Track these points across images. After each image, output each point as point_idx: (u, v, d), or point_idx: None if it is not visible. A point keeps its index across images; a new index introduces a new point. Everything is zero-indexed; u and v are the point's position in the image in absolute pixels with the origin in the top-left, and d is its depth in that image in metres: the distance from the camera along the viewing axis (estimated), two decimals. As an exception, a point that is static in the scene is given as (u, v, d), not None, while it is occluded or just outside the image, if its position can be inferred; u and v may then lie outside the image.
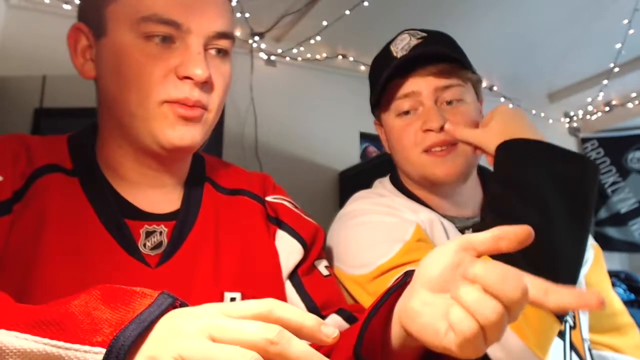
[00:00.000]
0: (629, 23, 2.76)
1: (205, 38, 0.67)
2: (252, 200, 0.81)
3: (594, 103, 3.73)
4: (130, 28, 0.65)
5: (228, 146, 2.88)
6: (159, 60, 0.65)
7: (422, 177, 0.93)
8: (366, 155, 3.31)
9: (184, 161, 0.76)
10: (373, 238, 0.85)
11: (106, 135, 0.72)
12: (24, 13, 2.57)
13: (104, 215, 0.67)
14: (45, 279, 0.61)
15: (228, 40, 0.70)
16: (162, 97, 0.65)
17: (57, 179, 0.68)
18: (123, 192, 0.71)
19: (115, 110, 0.68)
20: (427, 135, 0.89)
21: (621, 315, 1.01)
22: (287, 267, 0.78)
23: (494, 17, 2.81)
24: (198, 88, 0.66)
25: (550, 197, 0.72)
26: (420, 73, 0.89)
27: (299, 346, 0.37)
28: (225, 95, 0.72)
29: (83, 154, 0.72)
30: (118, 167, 0.72)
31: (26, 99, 2.45)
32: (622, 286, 3.05)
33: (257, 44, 3.06)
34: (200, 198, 0.76)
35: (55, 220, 0.64)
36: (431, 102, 0.89)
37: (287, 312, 0.40)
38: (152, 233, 0.70)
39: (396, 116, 0.93)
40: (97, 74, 0.70)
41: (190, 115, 0.66)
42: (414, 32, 0.93)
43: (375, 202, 0.94)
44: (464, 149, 0.90)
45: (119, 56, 0.65)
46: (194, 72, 0.64)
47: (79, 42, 0.70)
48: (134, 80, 0.64)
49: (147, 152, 0.69)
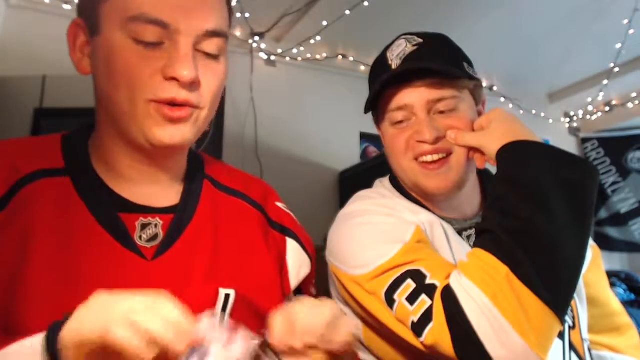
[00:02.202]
0: (629, 23, 2.76)
1: (195, 37, 0.66)
2: (249, 205, 0.81)
3: (594, 103, 3.73)
4: (121, 27, 0.64)
5: (228, 146, 2.88)
6: (148, 60, 0.64)
7: (414, 185, 0.94)
8: (366, 155, 3.31)
9: (178, 158, 0.76)
10: (373, 238, 0.85)
11: (102, 131, 0.73)
12: (24, 13, 2.57)
13: (97, 210, 0.67)
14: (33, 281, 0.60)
15: (220, 39, 0.69)
16: (148, 97, 0.65)
17: (45, 184, 0.67)
18: (117, 187, 0.71)
19: (108, 108, 0.68)
20: (419, 145, 0.90)
21: (620, 316, 1.02)
22: (298, 279, 0.79)
23: (494, 17, 2.81)
24: (186, 89, 0.65)
25: (554, 199, 0.73)
26: (414, 85, 0.90)
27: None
28: (219, 93, 0.71)
29: (76, 152, 0.72)
30: (113, 164, 0.72)
31: (26, 99, 2.45)
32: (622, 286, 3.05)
33: (257, 44, 3.06)
34: (199, 193, 0.76)
35: (44, 224, 0.64)
36: (424, 114, 0.90)
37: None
38: (147, 225, 0.69)
39: (390, 125, 0.95)
40: (93, 70, 0.70)
41: (177, 116, 0.66)
42: (411, 38, 0.93)
43: (376, 203, 0.94)
44: (457, 161, 0.90)
45: (110, 54, 0.65)
46: (180, 74, 0.64)
47: (78, 38, 0.71)
48: (123, 79, 0.65)
49: (140, 149, 0.69)
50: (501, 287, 0.69)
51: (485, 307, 0.68)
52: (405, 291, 0.76)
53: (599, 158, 4.01)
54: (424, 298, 0.74)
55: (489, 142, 0.85)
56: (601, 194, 3.96)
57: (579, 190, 0.75)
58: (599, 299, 0.99)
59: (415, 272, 0.77)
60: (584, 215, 0.75)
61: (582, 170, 0.77)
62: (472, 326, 0.68)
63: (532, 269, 0.69)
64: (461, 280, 0.72)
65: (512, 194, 0.76)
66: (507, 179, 0.79)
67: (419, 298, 0.74)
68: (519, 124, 0.85)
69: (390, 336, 0.82)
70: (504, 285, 0.69)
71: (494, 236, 0.74)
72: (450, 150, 0.90)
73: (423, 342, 0.73)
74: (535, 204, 0.73)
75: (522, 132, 0.83)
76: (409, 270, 0.78)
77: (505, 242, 0.72)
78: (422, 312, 0.73)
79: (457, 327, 0.69)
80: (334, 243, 0.92)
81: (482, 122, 0.88)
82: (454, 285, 0.72)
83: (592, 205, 0.76)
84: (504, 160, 0.81)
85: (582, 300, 0.95)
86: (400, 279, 0.77)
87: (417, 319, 0.73)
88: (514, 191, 0.76)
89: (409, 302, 0.75)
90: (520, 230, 0.72)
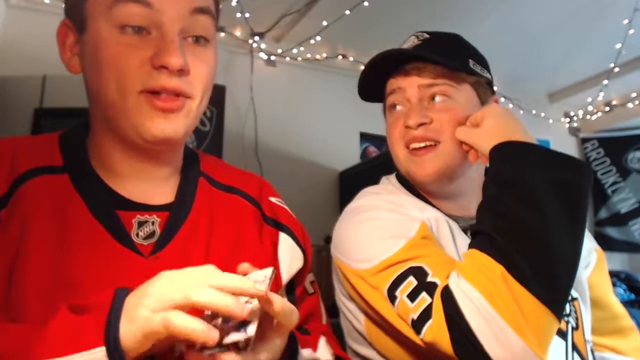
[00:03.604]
0: (629, 23, 2.76)
1: (181, 21, 0.66)
2: (245, 201, 0.81)
3: (594, 103, 3.74)
4: (106, 18, 0.64)
5: (228, 146, 2.89)
6: (135, 49, 0.64)
7: (407, 173, 0.95)
8: (366, 155, 3.32)
9: (172, 153, 0.76)
10: (378, 234, 0.86)
11: (96, 129, 0.73)
12: (24, 13, 2.57)
13: (95, 207, 0.67)
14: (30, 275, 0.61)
15: (206, 17, 0.68)
16: (138, 87, 0.64)
17: (44, 180, 0.67)
18: (114, 185, 0.71)
19: (99, 104, 0.68)
20: (408, 131, 0.92)
21: (623, 319, 1.02)
22: (290, 272, 0.78)
23: (494, 17, 2.81)
24: (175, 76, 0.65)
25: (547, 200, 0.74)
26: (407, 71, 0.93)
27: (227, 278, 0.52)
28: (210, 80, 0.71)
29: (74, 149, 0.72)
30: (108, 161, 0.72)
31: (26, 99, 2.46)
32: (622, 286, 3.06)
33: (257, 44, 3.06)
34: (194, 191, 0.76)
35: (41, 220, 0.64)
36: (415, 99, 0.92)
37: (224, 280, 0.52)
38: (144, 223, 0.70)
39: (388, 111, 0.97)
40: (83, 68, 0.70)
41: (168, 106, 0.66)
42: (420, 34, 0.96)
43: (383, 199, 0.95)
44: (445, 150, 0.90)
45: (97, 49, 0.65)
46: (168, 61, 0.63)
47: (67, 38, 0.71)
48: (112, 71, 0.64)
49: (133, 145, 0.69)
50: (497, 287, 0.69)
51: (482, 307, 0.69)
52: (406, 288, 0.76)
53: (599, 158, 4.01)
54: (424, 296, 0.74)
55: (481, 141, 0.84)
56: (601, 194, 3.96)
57: (571, 188, 0.75)
58: (602, 302, 1.00)
59: (418, 269, 0.77)
60: (577, 213, 0.75)
61: (573, 168, 0.77)
62: (470, 327, 0.69)
63: (527, 268, 0.69)
64: (458, 281, 0.72)
65: (504, 194, 0.76)
66: (498, 180, 0.79)
67: (420, 295, 0.75)
68: (512, 122, 0.84)
69: (393, 331, 0.82)
70: (500, 285, 0.69)
71: (488, 237, 0.74)
72: (438, 139, 0.90)
73: (422, 340, 0.73)
74: (527, 204, 0.74)
75: (514, 131, 0.82)
76: (411, 267, 0.78)
77: (499, 243, 0.72)
78: (421, 310, 0.74)
79: (455, 327, 0.70)
80: (339, 237, 0.93)
81: (477, 118, 0.88)
82: (452, 286, 0.72)
83: (586, 203, 0.76)
84: (495, 161, 0.81)
85: (586, 302, 0.95)
86: (402, 276, 0.78)
87: (417, 316, 0.74)
88: (505, 192, 0.76)
89: (409, 299, 0.76)
90: (513, 230, 0.73)
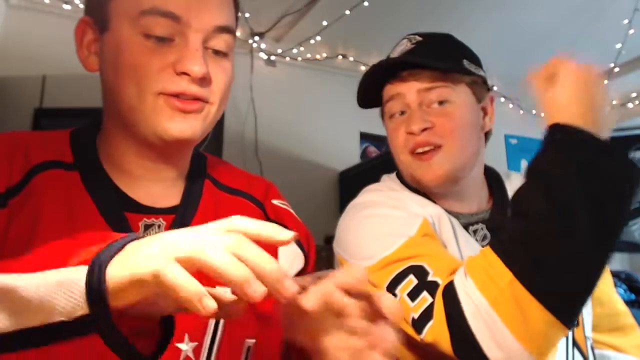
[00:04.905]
0: (629, 23, 2.76)
1: (205, 33, 0.67)
2: (250, 203, 0.81)
3: (594, 103, 3.73)
4: (131, 24, 0.65)
5: (228, 146, 2.88)
6: (157, 54, 0.65)
7: (412, 178, 0.95)
8: (366, 155, 3.31)
9: (184, 154, 0.76)
10: (379, 231, 0.86)
11: (109, 128, 0.73)
12: (24, 13, 2.57)
13: (105, 208, 0.67)
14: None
15: (229, 35, 0.70)
16: (157, 89, 0.65)
17: (55, 174, 0.67)
18: (123, 185, 0.71)
19: (116, 103, 0.69)
20: (411, 137, 0.91)
21: (624, 316, 1.02)
22: (290, 273, 0.78)
23: (494, 17, 2.81)
24: (196, 84, 0.66)
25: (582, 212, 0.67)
26: (404, 77, 0.92)
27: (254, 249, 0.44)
28: (227, 90, 0.72)
29: (84, 148, 0.72)
30: (119, 161, 0.72)
31: (26, 99, 2.45)
32: (623, 286, 3.05)
33: (257, 44, 3.06)
34: (200, 193, 0.76)
35: (53, 214, 0.64)
36: (415, 105, 0.92)
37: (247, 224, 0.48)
38: (150, 226, 0.70)
39: (389, 118, 0.97)
40: (100, 67, 0.70)
41: (188, 108, 0.66)
42: (412, 37, 0.96)
43: (385, 195, 0.95)
44: (450, 153, 0.90)
45: (118, 50, 0.66)
46: (191, 69, 0.64)
47: (86, 35, 0.71)
48: (132, 73, 0.65)
49: (148, 145, 0.70)
50: (503, 292, 0.68)
51: (483, 309, 0.68)
52: (406, 287, 0.76)
53: (599, 158, 4.00)
54: (425, 295, 0.74)
55: (548, 109, 0.76)
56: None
57: (611, 209, 0.68)
58: (604, 299, 0.99)
59: (418, 268, 0.77)
60: (612, 235, 0.69)
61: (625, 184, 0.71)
62: (470, 327, 0.69)
63: (540, 278, 0.66)
64: (465, 281, 0.72)
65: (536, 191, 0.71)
66: (538, 172, 0.72)
67: (420, 295, 0.75)
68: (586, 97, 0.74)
69: None
70: (506, 290, 0.67)
71: (505, 237, 0.71)
72: (441, 143, 0.90)
73: (423, 339, 0.73)
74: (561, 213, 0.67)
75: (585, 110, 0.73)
76: (411, 266, 0.78)
77: (515, 247, 0.69)
78: (422, 310, 0.73)
79: (455, 327, 0.70)
80: (341, 234, 0.93)
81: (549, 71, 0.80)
82: (457, 284, 0.72)
83: (622, 226, 0.69)
84: (545, 144, 0.73)
85: (587, 298, 0.95)
86: (402, 274, 0.78)
87: (418, 315, 0.74)
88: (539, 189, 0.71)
89: (410, 298, 0.75)
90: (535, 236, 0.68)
